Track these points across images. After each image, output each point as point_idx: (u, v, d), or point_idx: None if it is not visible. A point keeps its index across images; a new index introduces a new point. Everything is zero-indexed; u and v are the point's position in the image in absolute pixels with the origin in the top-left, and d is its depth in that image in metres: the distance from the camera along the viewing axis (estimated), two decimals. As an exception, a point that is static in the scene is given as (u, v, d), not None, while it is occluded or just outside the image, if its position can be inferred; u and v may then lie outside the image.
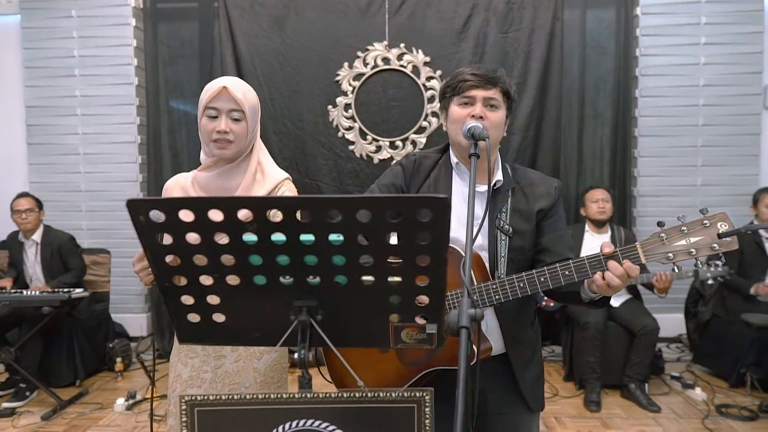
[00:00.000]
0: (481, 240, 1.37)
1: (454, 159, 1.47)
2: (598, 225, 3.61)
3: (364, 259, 0.87)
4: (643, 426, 3.03)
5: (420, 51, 4.19)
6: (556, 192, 1.48)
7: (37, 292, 3.31)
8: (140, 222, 0.83)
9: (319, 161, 4.28)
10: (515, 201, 1.43)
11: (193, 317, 0.97)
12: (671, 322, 4.20)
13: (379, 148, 4.27)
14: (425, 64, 4.19)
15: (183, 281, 0.92)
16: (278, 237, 0.84)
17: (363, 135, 4.26)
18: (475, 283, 1.31)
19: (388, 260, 0.87)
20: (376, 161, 4.27)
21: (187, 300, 0.94)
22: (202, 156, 1.64)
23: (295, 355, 0.92)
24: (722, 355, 3.69)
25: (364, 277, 0.90)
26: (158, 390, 3.45)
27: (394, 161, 4.24)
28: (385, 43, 4.19)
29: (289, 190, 1.61)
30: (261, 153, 1.64)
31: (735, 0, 4.34)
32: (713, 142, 4.42)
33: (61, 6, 4.63)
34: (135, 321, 4.68)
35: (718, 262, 3.15)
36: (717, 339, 3.74)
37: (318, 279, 0.90)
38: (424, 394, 0.91)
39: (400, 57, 4.20)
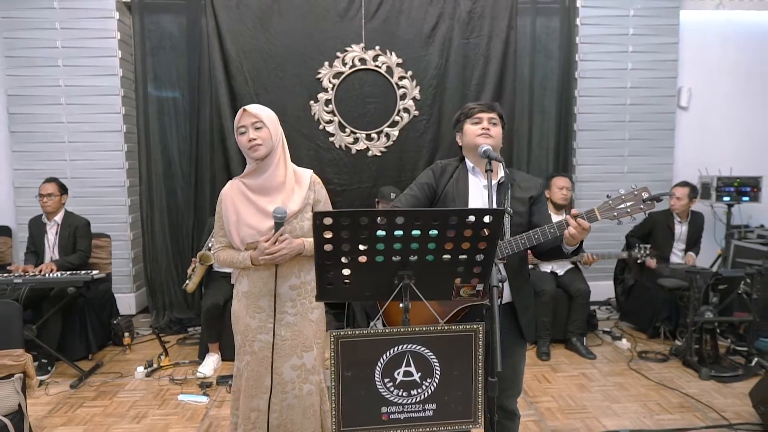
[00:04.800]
0: None
1: (470, 164, 2.04)
2: (557, 207, 4.25)
3: (447, 245, 1.42)
4: (584, 369, 3.79)
5: (393, 53, 4.69)
6: (541, 187, 2.11)
7: (58, 274, 3.62)
8: (316, 224, 1.34)
9: (302, 151, 4.71)
10: (513, 191, 2.01)
11: (329, 283, 1.48)
12: (603, 288, 5.04)
13: (356, 140, 4.76)
14: (398, 65, 4.70)
15: (330, 260, 1.43)
16: (399, 232, 1.38)
17: (342, 128, 4.74)
18: None
19: (462, 244, 1.42)
20: (353, 151, 4.76)
21: (329, 272, 1.46)
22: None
23: (401, 305, 1.46)
24: (642, 313, 4.52)
25: (445, 256, 1.45)
26: (171, 358, 3.88)
27: (371, 152, 4.77)
28: (362, 45, 4.66)
29: (318, 182, 2.18)
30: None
31: (657, 15, 5.12)
32: (637, 136, 5.24)
33: (42, -3, 4.76)
34: (124, 300, 4.98)
35: (646, 246, 3.98)
36: (638, 300, 4.58)
37: (416, 257, 1.44)
38: (478, 326, 1.47)
39: (375, 58, 4.68)
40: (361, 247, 1.41)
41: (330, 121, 4.73)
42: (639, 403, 3.24)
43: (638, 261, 4.30)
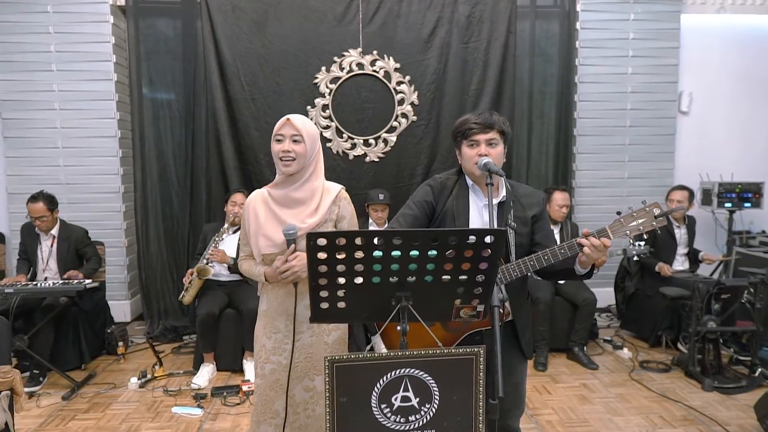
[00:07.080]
0: None
1: (469, 182, 1.96)
2: (553, 223, 4.18)
3: (447, 266, 1.36)
4: (584, 380, 3.73)
5: (391, 58, 4.64)
6: (543, 202, 2.02)
7: (51, 283, 3.55)
8: (310, 245, 1.28)
9: (299, 157, 4.65)
10: (515, 210, 1.94)
11: (324, 305, 1.42)
12: (603, 295, 4.96)
13: (354, 146, 4.70)
14: (396, 70, 4.65)
15: (325, 281, 1.37)
16: (396, 252, 1.32)
17: (339, 133, 4.68)
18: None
19: (462, 265, 1.37)
20: (351, 157, 4.71)
21: (324, 293, 1.40)
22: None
23: (398, 327, 1.40)
24: (643, 321, 4.46)
25: (444, 276, 1.39)
26: (166, 368, 3.81)
27: (368, 158, 4.71)
28: (360, 49, 4.61)
29: (345, 197, 2.07)
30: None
31: (657, 19, 5.08)
32: (638, 141, 5.18)
33: (35, 0, 4.69)
34: (119, 307, 4.91)
35: (641, 243, 3.89)
36: (639, 308, 4.51)
37: (414, 278, 1.38)
38: (479, 350, 1.41)
39: (373, 63, 4.63)
40: (357, 268, 1.35)
41: (327, 127, 4.67)
42: (641, 415, 3.18)
43: (635, 258, 4.24)
